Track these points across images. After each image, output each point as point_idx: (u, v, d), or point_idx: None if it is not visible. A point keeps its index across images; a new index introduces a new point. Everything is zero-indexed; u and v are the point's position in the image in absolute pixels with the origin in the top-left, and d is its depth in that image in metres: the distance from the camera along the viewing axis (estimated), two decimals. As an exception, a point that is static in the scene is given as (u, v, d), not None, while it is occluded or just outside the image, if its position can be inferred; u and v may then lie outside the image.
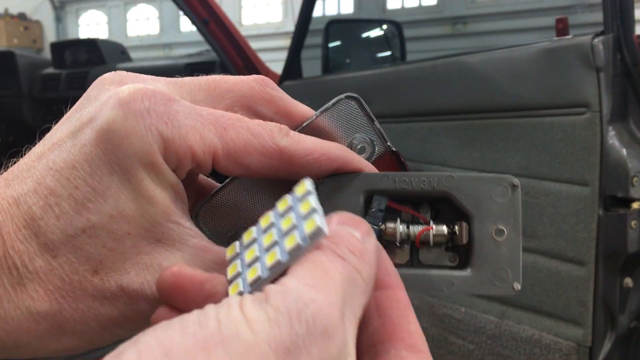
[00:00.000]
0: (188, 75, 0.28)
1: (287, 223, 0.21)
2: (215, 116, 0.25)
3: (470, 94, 1.35)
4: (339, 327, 0.18)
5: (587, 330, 1.16)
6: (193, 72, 0.28)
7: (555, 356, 1.21)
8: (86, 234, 0.23)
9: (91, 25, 9.76)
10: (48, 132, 0.26)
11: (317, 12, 2.88)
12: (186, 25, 8.60)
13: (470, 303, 1.38)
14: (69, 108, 0.26)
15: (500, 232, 0.26)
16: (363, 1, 7.01)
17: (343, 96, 0.29)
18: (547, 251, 1.22)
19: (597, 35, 1.13)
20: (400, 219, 0.28)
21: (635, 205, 1.13)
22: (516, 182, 0.27)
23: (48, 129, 0.26)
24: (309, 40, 1.94)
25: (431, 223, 0.28)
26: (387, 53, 2.21)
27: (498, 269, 0.26)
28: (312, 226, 0.20)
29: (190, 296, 0.22)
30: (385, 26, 2.28)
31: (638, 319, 1.20)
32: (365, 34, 2.33)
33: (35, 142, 0.26)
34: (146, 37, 9.23)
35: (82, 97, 0.26)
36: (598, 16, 1.17)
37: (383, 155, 0.30)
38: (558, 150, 1.19)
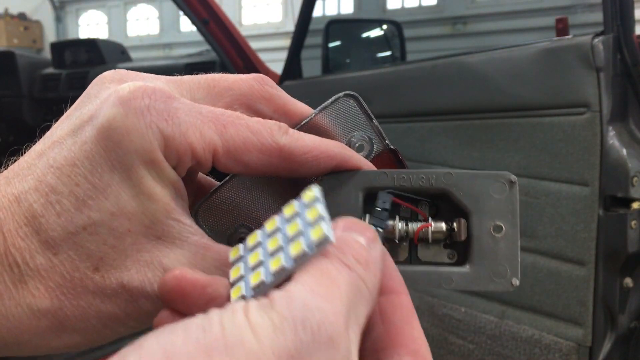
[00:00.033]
0: (188, 75, 0.28)
1: (293, 229, 0.21)
2: (215, 114, 0.25)
3: (470, 94, 1.35)
4: (344, 336, 0.18)
5: (587, 330, 1.16)
6: (193, 72, 0.28)
7: (555, 356, 1.21)
8: (87, 231, 0.23)
9: (91, 25, 9.76)
10: (48, 131, 0.26)
11: (317, 12, 2.88)
12: (186, 25, 8.61)
13: (470, 303, 1.38)
14: (69, 107, 0.27)
15: (498, 228, 0.27)
16: (363, 1, 7.02)
17: (341, 94, 0.29)
18: (547, 251, 1.22)
19: (597, 35, 1.13)
20: (399, 216, 0.28)
21: (635, 205, 1.13)
22: (513, 179, 0.27)
23: (48, 127, 0.26)
24: (309, 40, 1.94)
25: (430, 220, 0.28)
26: (387, 53, 2.21)
27: (496, 265, 0.26)
28: (319, 234, 0.20)
29: (192, 300, 0.22)
30: (385, 26, 2.28)
31: (638, 319, 1.20)
32: (365, 34, 2.33)
33: (35, 141, 0.26)
34: (146, 37, 9.23)
35: (82, 95, 0.26)
36: (598, 16, 1.17)
37: (381, 153, 0.30)
38: (558, 150, 1.19)
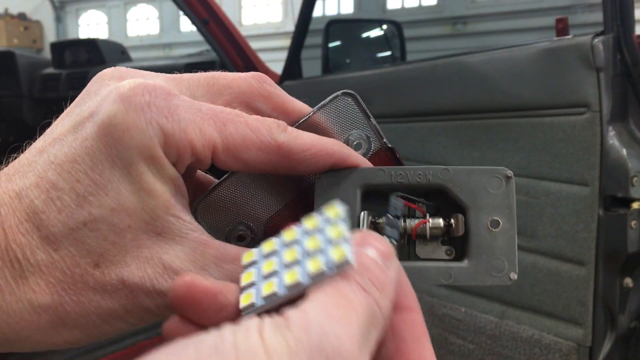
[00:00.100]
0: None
1: (313, 244, 0.21)
2: (214, 111, 0.25)
3: (470, 94, 1.35)
4: None
5: (587, 330, 1.16)
6: (194, 72, 0.29)
7: (555, 356, 1.21)
8: (87, 227, 0.23)
9: (91, 25, 9.77)
10: (49, 128, 0.26)
11: (317, 12, 2.88)
12: (186, 25, 8.61)
13: (470, 303, 1.38)
14: (69, 105, 0.27)
15: (495, 223, 0.27)
16: (363, 1, 7.02)
17: (340, 93, 0.29)
18: (547, 251, 1.22)
19: (597, 35, 1.13)
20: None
21: (635, 205, 1.13)
22: (510, 174, 0.27)
23: (48, 125, 0.26)
24: (309, 40, 1.94)
25: (427, 216, 0.28)
26: (387, 53, 2.21)
27: (494, 260, 0.27)
28: (341, 256, 0.19)
29: (203, 307, 0.22)
30: (385, 26, 2.28)
31: (638, 319, 1.20)
32: (365, 34, 2.33)
33: (35, 139, 0.26)
34: (146, 37, 9.23)
35: (82, 93, 0.26)
36: (598, 16, 1.17)
37: (379, 151, 0.30)
38: (558, 150, 1.19)
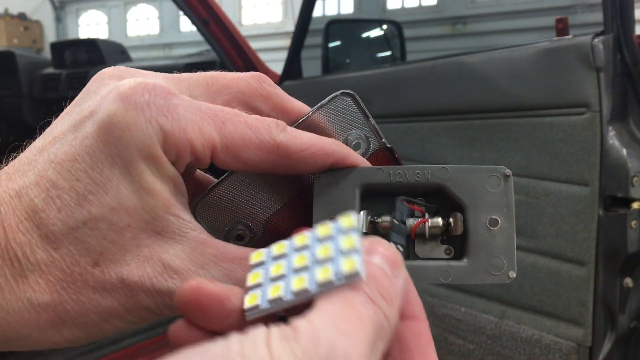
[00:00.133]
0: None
1: (324, 252, 0.21)
2: (214, 110, 0.25)
3: (470, 94, 1.35)
4: None
5: (587, 330, 1.16)
6: (193, 72, 0.29)
7: (555, 356, 1.21)
8: (87, 226, 0.23)
9: (91, 25, 9.77)
10: (48, 127, 0.26)
11: (317, 12, 2.88)
12: (186, 25, 8.61)
13: (470, 303, 1.38)
14: (69, 104, 0.27)
15: (494, 222, 0.27)
16: (363, 1, 7.02)
17: (339, 93, 0.29)
18: (547, 251, 1.22)
19: (597, 35, 1.13)
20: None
21: (635, 205, 1.13)
22: (508, 172, 0.27)
23: (48, 124, 0.27)
24: (309, 40, 1.94)
25: (426, 215, 0.28)
26: (387, 53, 2.21)
27: (493, 258, 0.27)
28: (351, 268, 0.19)
29: (209, 312, 0.22)
30: (385, 26, 2.28)
31: (638, 319, 1.20)
32: (365, 34, 2.33)
33: (35, 138, 0.26)
34: (146, 37, 9.23)
35: (82, 92, 0.26)
36: (598, 16, 1.17)
37: (378, 151, 0.30)
38: (558, 150, 1.19)
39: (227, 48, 2.08)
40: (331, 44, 2.05)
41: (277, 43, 7.09)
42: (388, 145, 0.30)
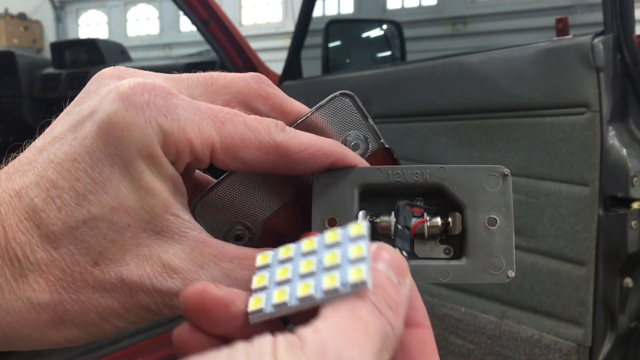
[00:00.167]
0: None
1: (331, 259, 0.21)
2: (213, 110, 0.25)
3: (470, 94, 1.35)
4: None
5: (587, 330, 1.16)
6: (193, 72, 0.29)
7: (555, 356, 1.21)
8: (87, 226, 0.23)
9: (91, 25, 9.78)
10: (48, 127, 0.26)
11: (317, 12, 2.88)
12: (186, 25, 8.62)
13: (470, 303, 1.38)
14: (69, 104, 0.27)
15: (492, 221, 0.27)
16: (363, 1, 7.03)
17: (338, 93, 0.29)
18: (547, 251, 1.22)
19: (597, 35, 1.13)
20: (394, 212, 0.28)
21: (635, 205, 1.13)
22: (506, 172, 0.27)
23: (48, 124, 0.27)
24: (309, 40, 1.94)
25: (425, 215, 0.28)
26: (387, 53, 2.21)
27: (492, 257, 0.27)
28: (358, 277, 0.19)
29: (214, 317, 0.22)
30: (385, 26, 2.28)
31: (638, 319, 1.20)
32: (365, 34, 2.33)
33: (35, 138, 0.26)
34: (146, 37, 9.24)
35: (82, 92, 0.26)
36: (598, 16, 1.17)
37: (376, 152, 0.30)
38: (558, 150, 1.19)
39: (227, 48, 2.08)
40: (331, 44, 2.05)
41: (277, 43, 7.09)
42: (387, 145, 0.30)
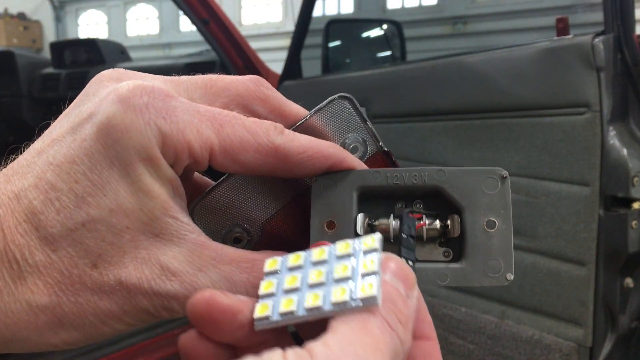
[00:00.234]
0: (187, 75, 0.28)
1: (342, 271, 0.20)
2: (212, 113, 0.25)
3: (470, 94, 1.35)
4: None
5: (588, 330, 1.16)
6: (193, 72, 0.29)
7: (555, 356, 1.21)
8: (86, 228, 0.23)
9: (91, 25, 9.78)
10: (47, 129, 0.26)
11: (317, 12, 2.88)
12: (186, 25, 8.62)
13: (470, 303, 1.38)
14: (68, 106, 0.27)
15: (491, 224, 0.27)
16: (363, 1, 7.03)
17: (336, 96, 0.29)
18: (548, 251, 1.22)
19: (598, 35, 1.13)
20: (393, 215, 0.28)
21: (635, 205, 1.13)
22: (505, 174, 0.27)
23: (47, 126, 0.26)
24: (309, 40, 1.95)
25: (424, 218, 0.28)
26: (387, 53, 2.21)
27: (491, 260, 0.27)
28: (369, 292, 0.19)
29: (221, 325, 0.22)
30: (385, 26, 2.28)
31: (639, 319, 1.20)
32: (365, 34, 2.33)
33: (34, 140, 0.26)
34: (146, 37, 9.24)
35: (81, 94, 0.26)
36: (598, 16, 1.17)
37: (375, 154, 0.30)
38: (558, 150, 1.19)
39: (227, 48, 2.08)
40: (331, 44, 2.05)
41: (277, 43, 7.09)
42: (385, 149, 0.30)
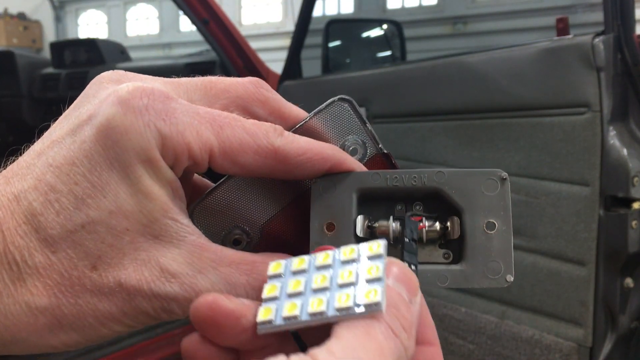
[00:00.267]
0: (187, 75, 0.28)
1: (347, 276, 0.20)
2: (212, 115, 0.25)
3: (470, 94, 1.35)
4: None
5: (588, 330, 1.16)
6: (193, 72, 0.29)
7: (555, 356, 1.21)
8: (85, 230, 0.23)
9: (91, 25, 9.78)
10: (47, 130, 0.26)
11: (317, 12, 2.88)
12: (186, 25, 8.62)
13: (470, 303, 1.38)
14: (68, 107, 0.27)
15: (491, 225, 0.27)
16: (363, 1, 7.03)
17: (336, 98, 0.29)
18: (548, 251, 1.22)
19: (598, 34, 1.13)
20: (392, 217, 0.28)
21: (635, 205, 1.13)
22: (504, 175, 0.27)
23: (46, 127, 0.26)
24: (309, 40, 1.94)
25: (424, 220, 0.28)
26: (387, 53, 2.21)
27: (490, 262, 0.27)
28: (373, 299, 0.19)
29: (224, 329, 0.22)
30: (385, 26, 2.28)
31: (639, 319, 1.20)
32: (365, 34, 2.33)
33: (34, 141, 0.26)
34: (146, 37, 9.24)
35: (81, 96, 0.26)
36: (599, 16, 1.17)
37: (374, 156, 0.30)
38: (558, 150, 1.19)
39: (227, 48, 2.08)
40: (331, 44, 2.05)
41: (277, 43, 7.09)
42: (385, 151, 0.30)
